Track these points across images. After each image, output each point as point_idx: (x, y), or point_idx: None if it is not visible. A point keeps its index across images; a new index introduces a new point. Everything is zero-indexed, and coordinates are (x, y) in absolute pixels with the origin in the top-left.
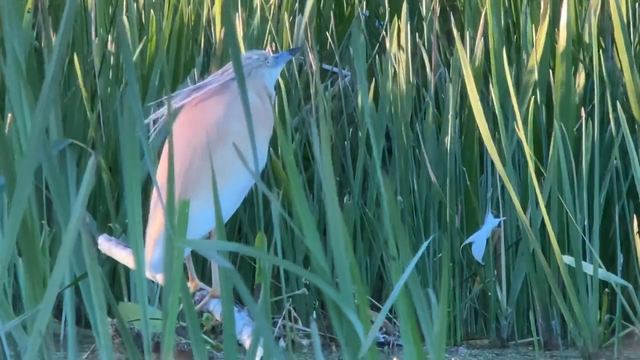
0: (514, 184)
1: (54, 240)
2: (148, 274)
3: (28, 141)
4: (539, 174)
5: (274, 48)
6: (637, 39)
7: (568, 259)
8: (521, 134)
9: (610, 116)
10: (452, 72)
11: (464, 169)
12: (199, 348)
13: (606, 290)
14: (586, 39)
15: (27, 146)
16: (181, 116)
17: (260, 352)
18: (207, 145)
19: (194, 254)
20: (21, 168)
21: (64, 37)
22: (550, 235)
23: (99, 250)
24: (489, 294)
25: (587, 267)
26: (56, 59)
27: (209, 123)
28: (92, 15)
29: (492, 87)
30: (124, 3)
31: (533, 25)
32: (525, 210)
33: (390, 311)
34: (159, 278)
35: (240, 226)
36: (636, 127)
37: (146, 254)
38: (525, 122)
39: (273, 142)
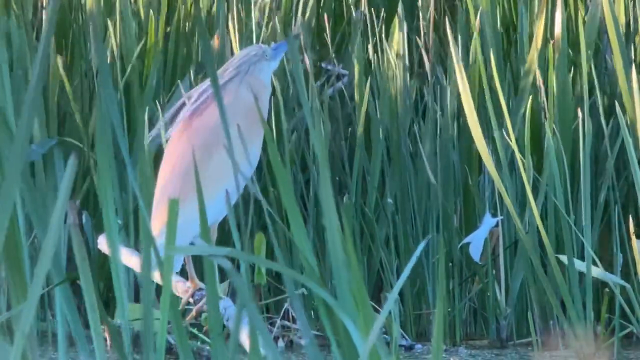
0: (512, 185)
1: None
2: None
3: (14, 142)
4: (540, 172)
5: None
6: (636, 40)
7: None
8: (512, 138)
9: (602, 119)
10: (449, 73)
11: (466, 166)
12: (183, 347)
13: (606, 290)
14: (582, 38)
15: (12, 147)
16: (179, 122)
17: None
18: (204, 149)
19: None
20: (6, 170)
21: (49, 35)
22: (543, 237)
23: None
24: (488, 294)
25: (581, 265)
26: (41, 57)
27: (205, 127)
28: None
29: (485, 87)
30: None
31: (531, 25)
32: (525, 210)
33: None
34: (157, 277)
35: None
36: (630, 126)
37: None
38: (523, 121)
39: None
